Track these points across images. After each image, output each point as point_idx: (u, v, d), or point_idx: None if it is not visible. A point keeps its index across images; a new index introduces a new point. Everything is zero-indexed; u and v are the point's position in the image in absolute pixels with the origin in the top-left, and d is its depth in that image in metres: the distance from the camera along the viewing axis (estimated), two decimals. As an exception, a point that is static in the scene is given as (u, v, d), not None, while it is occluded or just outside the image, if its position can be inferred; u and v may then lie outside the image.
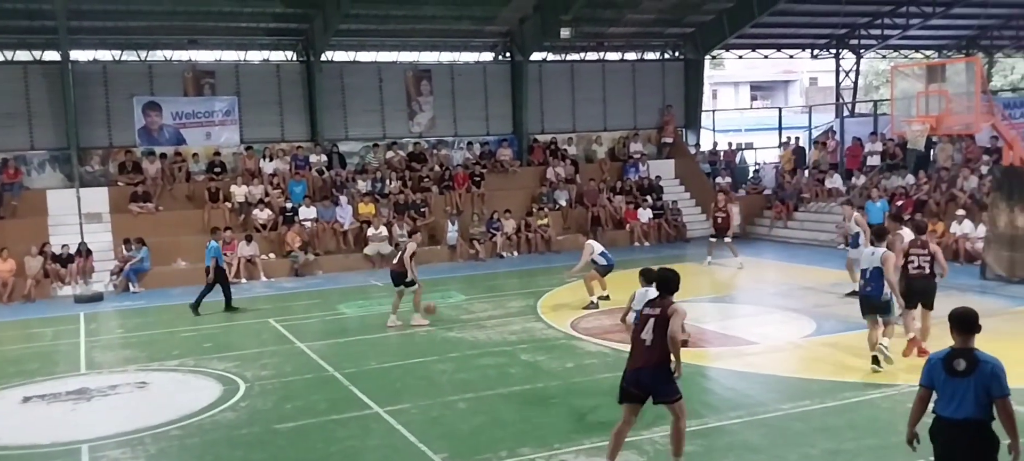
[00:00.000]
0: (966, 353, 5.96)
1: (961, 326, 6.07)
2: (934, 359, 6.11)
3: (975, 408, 5.82)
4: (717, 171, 29.04)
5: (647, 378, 7.79)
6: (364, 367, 12.46)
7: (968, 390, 5.83)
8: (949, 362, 5.97)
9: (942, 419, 5.96)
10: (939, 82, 17.05)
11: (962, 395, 5.85)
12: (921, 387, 6.16)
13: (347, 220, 23.37)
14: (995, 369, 5.85)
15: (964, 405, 5.84)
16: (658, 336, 7.73)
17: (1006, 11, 31.14)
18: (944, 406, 5.95)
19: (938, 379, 6.01)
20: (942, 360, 6.02)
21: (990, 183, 19.74)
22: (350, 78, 26.10)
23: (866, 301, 11.21)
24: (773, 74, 54.31)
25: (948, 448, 5.96)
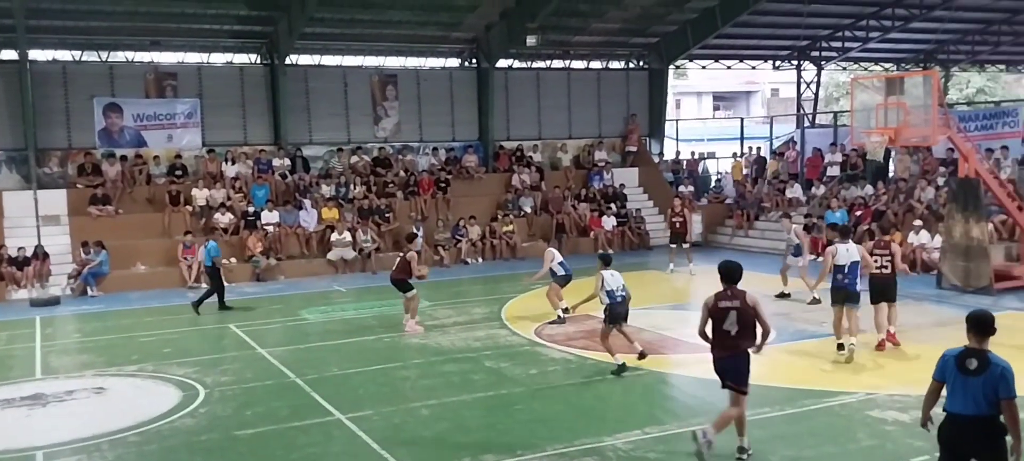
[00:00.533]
0: (979, 354, 6.20)
1: (978, 328, 6.27)
2: (948, 356, 6.35)
3: (983, 406, 6.08)
4: (680, 180, 29.29)
5: (728, 364, 8.48)
6: (326, 373, 12.38)
7: (977, 389, 6.07)
8: (962, 360, 6.22)
9: (951, 415, 6.22)
10: (898, 95, 17.34)
11: (972, 393, 6.09)
12: (934, 381, 6.42)
13: (312, 224, 23.22)
14: (1005, 372, 6.09)
15: (973, 403, 6.10)
16: (742, 325, 8.37)
17: (961, 26, 31.83)
18: (953, 402, 6.21)
19: (950, 375, 6.26)
20: (955, 358, 6.27)
21: (946, 194, 20.14)
22: (315, 82, 25.95)
23: (842, 291, 12.21)
24: (735, 85, 54.98)
25: (955, 441, 6.22)
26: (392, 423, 9.97)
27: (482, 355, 13.13)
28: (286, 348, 14.24)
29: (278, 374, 12.42)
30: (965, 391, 6.12)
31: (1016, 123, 24.82)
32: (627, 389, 11.29)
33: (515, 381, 11.66)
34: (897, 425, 9.36)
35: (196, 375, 12.35)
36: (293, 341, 15.01)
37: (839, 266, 12.27)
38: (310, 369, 12.55)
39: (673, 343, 14.04)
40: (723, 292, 8.56)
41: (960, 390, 6.15)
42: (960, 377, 6.17)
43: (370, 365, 12.82)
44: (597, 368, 12.18)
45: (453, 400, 10.86)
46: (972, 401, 6.09)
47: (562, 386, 11.37)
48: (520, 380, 11.70)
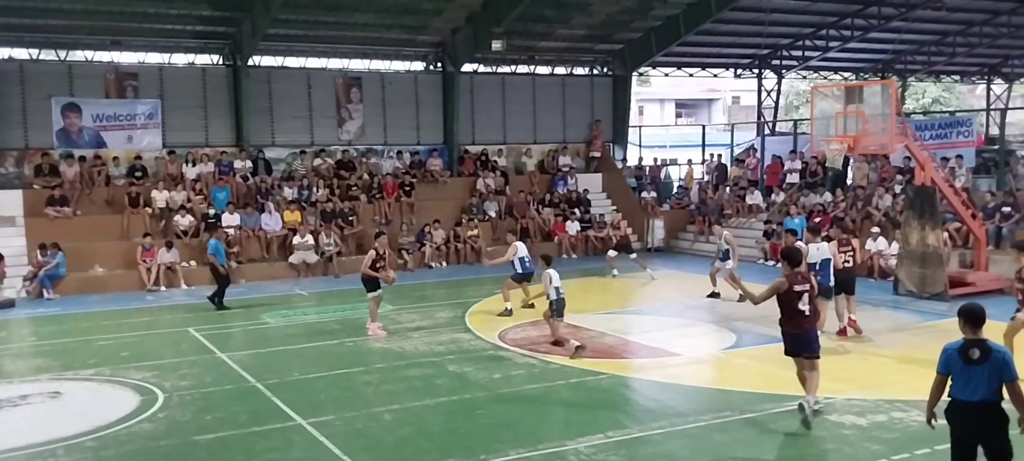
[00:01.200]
0: (979, 343, 6.65)
1: (973, 320, 6.74)
2: (950, 349, 6.73)
3: (988, 391, 6.54)
4: (643, 185, 29.50)
5: (804, 339, 9.76)
6: (287, 378, 12.28)
7: (982, 376, 6.54)
8: (965, 352, 6.63)
9: (959, 402, 6.63)
10: (856, 103, 17.62)
11: (977, 380, 6.55)
12: (938, 374, 6.78)
13: (275, 227, 23.02)
14: (1006, 357, 6.60)
15: (979, 389, 6.54)
16: (812, 306, 9.80)
17: (918, 37, 32.46)
18: (960, 390, 6.61)
19: (955, 367, 6.65)
20: (958, 350, 6.66)
21: (903, 202, 20.50)
22: (278, 83, 25.75)
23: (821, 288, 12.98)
24: (697, 92, 55.52)
25: (965, 426, 6.64)
26: (354, 428, 9.92)
27: (445, 359, 13.11)
28: (246, 352, 14.10)
29: (238, 378, 12.29)
30: (971, 380, 6.57)
31: (970, 133, 25.37)
32: (590, 393, 11.35)
33: (478, 385, 11.66)
34: (855, 428, 9.51)
35: (155, 379, 12.18)
36: (254, 345, 14.86)
37: (811, 264, 13.25)
38: (271, 373, 12.44)
39: (635, 347, 14.15)
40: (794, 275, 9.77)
41: (966, 379, 6.60)
42: (965, 367, 6.61)
43: (332, 369, 12.75)
44: (560, 372, 12.22)
45: (416, 405, 10.83)
46: (977, 388, 6.54)
47: (525, 390, 11.39)
48: (483, 384, 11.71)
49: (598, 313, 16.70)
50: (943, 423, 6.87)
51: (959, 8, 29.08)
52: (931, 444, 8.85)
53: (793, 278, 9.68)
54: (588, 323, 15.57)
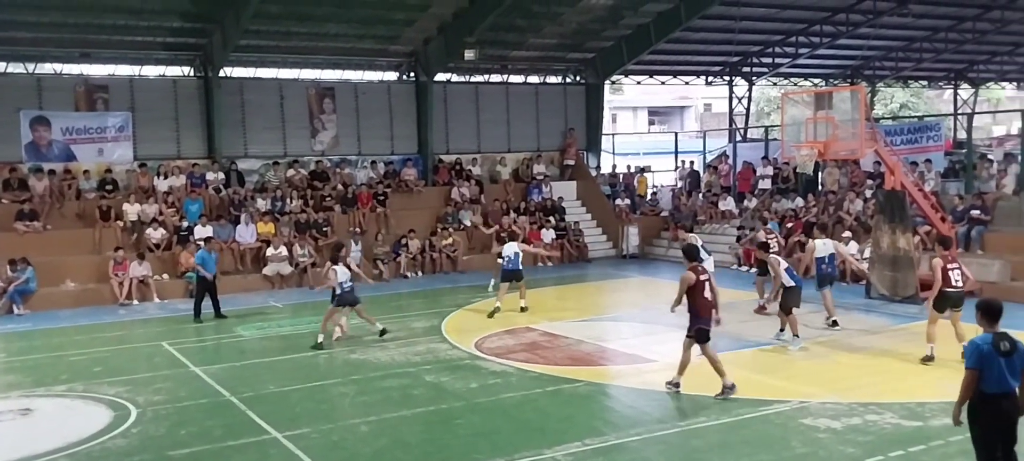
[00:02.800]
0: (1006, 336, 6.92)
1: (993, 314, 6.99)
2: (980, 343, 6.89)
3: (1016, 381, 6.83)
4: (617, 193, 29.62)
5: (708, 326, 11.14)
6: (262, 391, 12.19)
7: (1014, 367, 6.81)
8: (997, 344, 6.82)
9: (990, 395, 6.79)
10: (826, 109, 17.80)
11: (1010, 371, 6.80)
12: (970, 370, 6.89)
13: (249, 239, 22.84)
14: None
15: (1009, 379, 6.81)
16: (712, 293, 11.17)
17: (886, 43, 32.91)
18: (995, 383, 6.79)
19: (989, 361, 6.80)
20: (991, 344, 6.83)
21: (874, 206, 20.73)
22: (250, 94, 25.61)
23: (828, 277, 15.47)
24: (670, 100, 55.83)
25: (995, 418, 6.82)
26: (330, 441, 9.86)
27: (422, 370, 13.07)
28: (221, 366, 13.98)
29: (213, 392, 12.18)
30: (1004, 371, 6.79)
31: (939, 137, 25.73)
32: (567, 401, 11.37)
33: (455, 395, 11.64)
34: (829, 432, 9.59)
35: (128, 394, 12.04)
36: (228, 358, 14.75)
37: (819, 258, 15.45)
38: (245, 387, 12.34)
39: (612, 354, 14.19)
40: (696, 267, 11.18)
41: (999, 371, 6.79)
42: (999, 359, 6.78)
43: (307, 382, 12.67)
44: (537, 381, 12.24)
45: (392, 416, 10.79)
46: (1011, 378, 6.81)
47: (502, 399, 11.39)
48: (460, 394, 11.69)
49: (575, 320, 16.74)
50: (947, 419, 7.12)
51: (925, 14, 29.53)
52: (905, 446, 8.97)
53: (696, 270, 11.03)
54: (565, 331, 15.60)
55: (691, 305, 11.08)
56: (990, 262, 18.84)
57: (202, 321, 17.72)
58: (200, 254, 18.39)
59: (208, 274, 18.00)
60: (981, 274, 18.52)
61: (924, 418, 9.88)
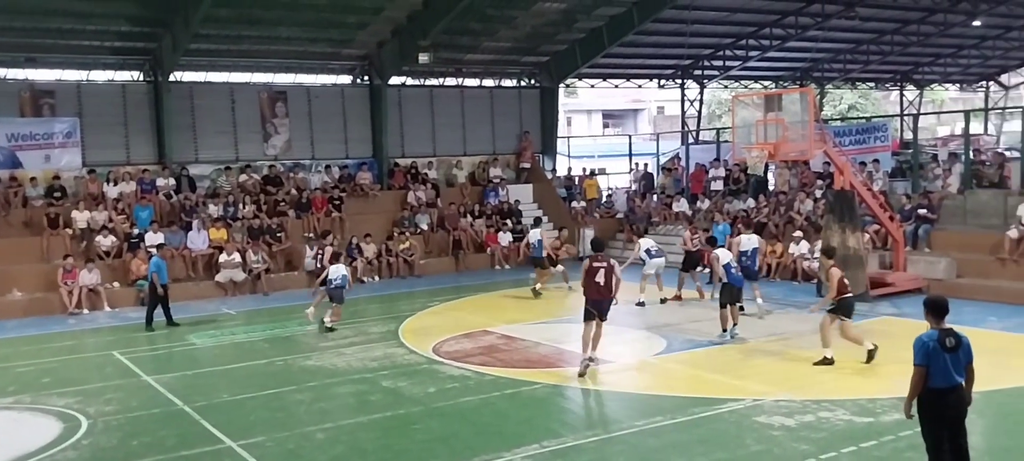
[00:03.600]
0: (951, 332, 7.13)
1: (940, 311, 7.22)
2: (926, 340, 7.09)
3: (960, 375, 7.07)
4: (573, 195, 29.76)
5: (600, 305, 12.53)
6: (216, 399, 12.03)
7: (957, 361, 7.06)
8: (943, 340, 7.03)
9: (937, 390, 7.01)
10: (776, 111, 18.02)
11: (954, 366, 7.04)
12: (918, 367, 7.09)
13: (201, 246, 22.52)
14: (968, 341, 7.18)
15: (953, 374, 7.04)
16: (606, 281, 12.39)
17: (834, 46, 33.56)
18: (938, 379, 7.00)
19: (935, 356, 7.01)
20: (937, 340, 7.04)
21: (823, 206, 21.10)
22: (201, 99, 25.27)
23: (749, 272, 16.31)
24: (623, 103, 56.30)
25: (941, 412, 7.05)
26: (286, 449, 9.77)
27: (379, 375, 13.01)
28: (173, 375, 13.77)
29: (165, 402, 11.99)
30: (949, 366, 7.02)
31: (886, 138, 26.25)
32: (525, 404, 11.40)
33: (413, 400, 11.61)
34: (783, 429, 9.75)
35: (78, 405, 11.81)
36: (181, 367, 14.54)
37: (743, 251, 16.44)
38: (199, 396, 12.17)
39: (570, 356, 14.24)
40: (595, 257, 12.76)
41: (944, 366, 7.02)
42: (944, 355, 7.00)
43: (262, 390, 12.52)
44: (495, 384, 12.26)
45: (349, 422, 10.73)
46: (953, 373, 7.03)
47: (460, 403, 11.38)
48: (418, 399, 11.66)
49: (532, 323, 16.79)
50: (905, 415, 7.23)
51: (872, 18, 30.14)
52: (858, 442, 9.15)
53: (593, 260, 12.69)
54: (523, 333, 15.65)
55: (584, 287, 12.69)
56: (937, 260, 19.29)
57: (154, 329, 17.43)
58: (155, 261, 18.05)
59: (161, 282, 17.71)
60: (928, 271, 19.01)
61: (875, 414, 10.08)
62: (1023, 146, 22.54)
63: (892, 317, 16.24)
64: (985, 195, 20.93)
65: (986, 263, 18.84)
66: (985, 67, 39.99)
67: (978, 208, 20.65)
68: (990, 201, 20.52)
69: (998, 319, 15.51)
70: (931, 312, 7.23)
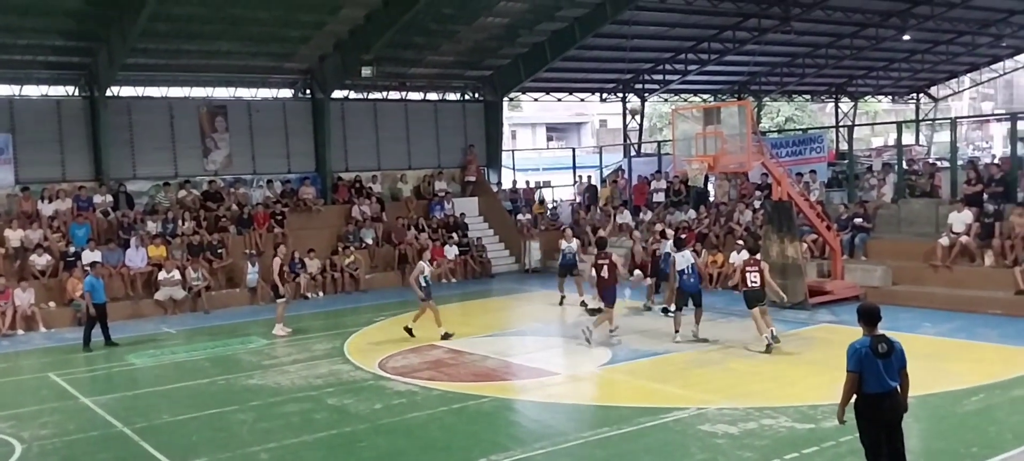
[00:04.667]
0: (883, 338, 7.22)
1: (872, 318, 7.36)
2: (859, 347, 7.24)
3: (894, 380, 7.23)
4: (518, 208, 29.87)
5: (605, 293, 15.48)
6: (156, 421, 11.78)
7: (890, 367, 7.21)
8: (875, 347, 7.19)
9: (871, 395, 7.17)
10: (715, 124, 18.35)
11: (886, 371, 7.19)
12: (850, 373, 7.24)
13: (140, 263, 22.04)
14: (901, 346, 7.35)
15: (888, 379, 7.20)
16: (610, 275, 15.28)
17: (771, 60, 34.29)
18: (872, 384, 7.16)
19: (868, 363, 7.16)
20: (869, 347, 7.19)
21: (762, 216, 21.50)
22: (138, 114, 24.80)
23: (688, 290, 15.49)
24: (567, 116, 56.71)
25: (886, 416, 7.21)
26: (231, 468, 9.62)
27: (324, 393, 12.87)
28: (112, 396, 13.45)
29: (103, 424, 11.70)
30: (882, 372, 7.18)
31: (822, 149, 26.88)
32: (472, 418, 11.39)
33: (359, 417, 11.51)
34: (727, 437, 9.90)
35: (11, 430, 11.45)
36: (119, 388, 14.21)
37: (680, 270, 15.40)
38: (139, 417, 11.91)
39: (516, 368, 14.29)
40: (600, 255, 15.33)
41: (877, 372, 7.15)
42: (877, 361, 7.16)
43: (204, 409, 12.31)
44: (442, 399, 12.22)
45: (293, 442, 10.58)
46: (888, 378, 7.19)
47: (407, 419, 11.32)
48: (364, 416, 11.57)
49: (479, 336, 16.79)
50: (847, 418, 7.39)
51: (807, 32, 30.88)
52: (800, 448, 9.33)
53: (598, 257, 15.36)
54: (470, 347, 15.63)
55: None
56: (873, 268, 19.78)
57: (91, 350, 17.01)
58: (89, 280, 17.67)
59: (96, 302, 17.30)
60: (865, 279, 19.47)
61: (816, 420, 10.29)
62: (952, 156, 23.23)
63: (831, 324, 16.60)
64: (918, 204, 21.54)
65: (920, 270, 19.37)
66: (915, 80, 41.26)
67: (911, 217, 21.26)
68: (923, 210, 21.13)
69: (932, 324, 15.96)
70: (863, 320, 7.39)
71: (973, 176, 20.34)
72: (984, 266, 18.54)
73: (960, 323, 16.05)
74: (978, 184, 20.02)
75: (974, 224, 19.04)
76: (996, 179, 20.07)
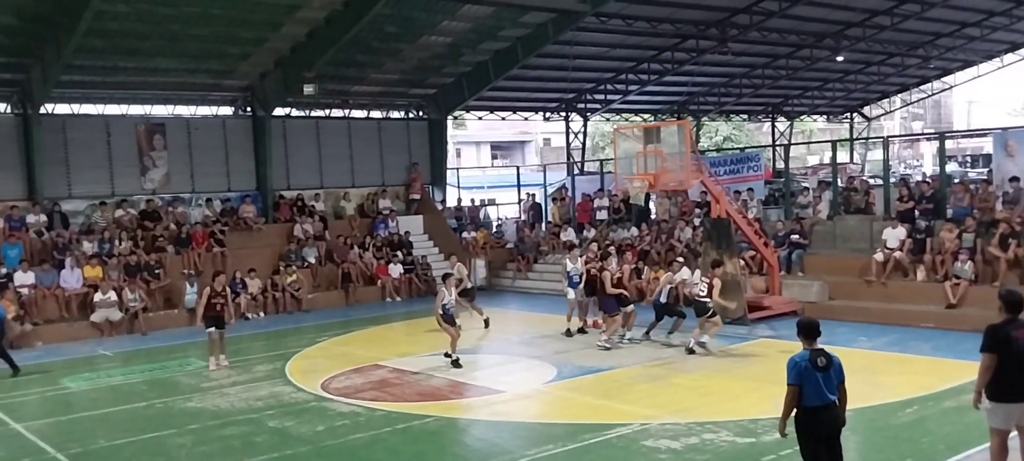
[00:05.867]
0: (822, 352, 7.45)
1: (812, 332, 7.52)
2: (798, 361, 7.38)
3: (833, 393, 7.36)
4: (463, 226, 29.86)
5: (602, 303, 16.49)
6: (92, 446, 11.48)
7: (829, 380, 7.34)
8: (814, 360, 7.32)
9: (810, 408, 7.28)
10: (655, 143, 18.63)
11: (826, 385, 7.32)
12: (790, 386, 7.36)
13: (75, 284, 21.48)
14: (840, 361, 7.50)
15: (827, 392, 7.33)
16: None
17: (709, 80, 34.92)
18: (812, 398, 7.28)
19: (807, 376, 7.29)
20: (808, 360, 7.33)
21: (702, 233, 21.84)
22: (74, 132, 24.21)
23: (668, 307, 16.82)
24: (511, 135, 57.03)
25: (825, 429, 7.33)
26: (170, 493, 9.42)
27: (265, 415, 12.68)
28: (45, 421, 13.08)
29: (36, 451, 11.36)
30: (821, 385, 7.31)
31: (759, 167, 27.44)
32: (416, 439, 11.33)
33: (301, 440, 11.36)
34: (670, 452, 10.01)
35: (-63, 459, 11.09)
36: (53, 413, 13.81)
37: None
38: (73, 442, 11.60)
39: (462, 387, 14.26)
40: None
41: (816, 385, 7.31)
42: (816, 374, 7.29)
43: (141, 434, 12.01)
44: (387, 419, 12.14)
45: (235, 465, 10.42)
46: (827, 391, 7.32)
47: (350, 441, 11.21)
48: (306, 438, 11.42)
49: (424, 355, 16.70)
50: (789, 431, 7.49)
51: (743, 53, 31.50)
52: (739, 461, 9.48)
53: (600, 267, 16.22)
54: (415, 366, 15.56)
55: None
56: (810, 283, 20.22)
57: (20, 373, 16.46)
58: None
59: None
60: (802, 295, 19.89)
61: (757, 434, 10.46)
62: (885, 174, 23.88)
63: (770, 339, 16.91)
64: (853, 221, 22.09)
65: (855, 285, 19.86)
66: (849, 100, 42.38)
67: (847, 233, 21.80)
68: (858, 226, 21.69)
69: (867, 338, 16.35)
70: (803, 334, 7.55)
71: (905, 193, 20.96)
72: (916, 281, 19.09)
73: (894, 337, 16.49)
74: (910, 201, 20.63)
75: (907, 240, 19.60)
76: (927, 196, 20.71)
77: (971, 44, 34.72)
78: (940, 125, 67.48)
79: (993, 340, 7.72)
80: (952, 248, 18.55)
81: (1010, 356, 7.65)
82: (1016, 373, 7.67)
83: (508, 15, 24.35)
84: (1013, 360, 7.65)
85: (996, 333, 7.74)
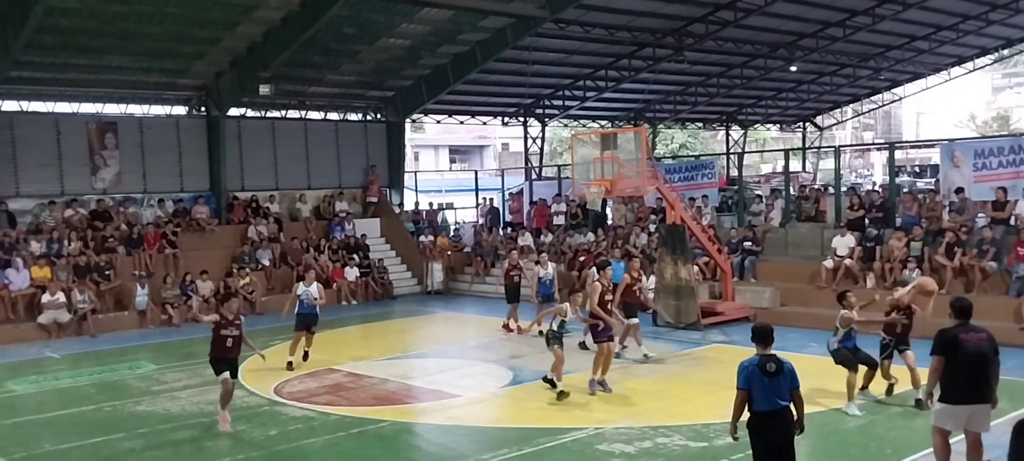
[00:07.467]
0: (773, 358, 7.45)
1: (765, 338, 7.64)
2: (748, 366, 7.46)
3: (783, 399, 7.43)
4: (421, 230, 29.77)
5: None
6: (37, 451, 11.25)
7: (779, 386, 7.41)
8: (763, 366, 7.40)
9: (760, 413, 7.35)
10: (612, 149, 18.79)
11: (775, 391, 7.39)
12: (741, 390, 7.45)
13: (22, 285, 21.00)
14: (792, 367, 7.54)
15: (777, 398, 7.40)
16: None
17: (665, 88, 35.25)
18: (762, 402, 7.35)
19: (756, 381, 7.37)
20: (757, 366, 7.40)
21: (657, 239, 22.04)
22: (22, 129, 23.67)
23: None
24: (470, 139, 57.03)
25: (775, 434, 7.40)
26: (118, 499, 9.27)
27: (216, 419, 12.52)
28: (-11, 425, 12.79)
29: (-21, 455, 11.13)
30: (770, 391, 7.38)
31: (713, 174, 27.74)
32: (370, 443, 11.28)
33: (253, 445, 11.24)
34: (624, 456, 10.09)
35: None
36: (-3, 417, 13.52)
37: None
38: (18, 448, 11.34)
39: (417, 391, 14.24)
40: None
41: (766, 391, 7.36)
42: (764, 380, 7.37)
43: (89, 438, 11.80)
44: (341, 424, 12.06)
45: (186, 469, 10.28)
46: (777, 397, 7.40)
47: (304, 446, 11.13)
48: (258, 443, 11.30)
49: (379, 359, 16.64)
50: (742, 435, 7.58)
51: (699, 62, 31.90)
52: (691, 465, 9.59)
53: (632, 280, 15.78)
54: (369, 370, 15.48)
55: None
56: (762, 289, 20.50)
57: None
58: None
59: None
60: (755, 300, 20.17)
61: (709, 438, 10.59)
62: (836, 183, 24.32)
63: (722, 344, 17.11)
64: (804, 228, 22.45)
65: (806, 292, 20.18)
66: (802, 109, 43.09)
67: (798, 240, 22.15)
68: (809, 234, 22.05)
69: (818, 345, 16.54)
70: (756, 339, 7.68)
71: (856, 202, 21.37)
72: (866, 288, 19.43)
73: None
74: (860, 209, 21.04)
75: (857, 248, 19.98)
76: (876, 205, 21.14)
77: (920, 57, 35.53)
78: (890, 135, 68.88)
79: (942, 344, 8.02)
80: (901, 256, 18.95)
81: (958, 360, 7.93)
82: (964, 377, 7.94)
83: (467, 19, 24.35)
84: (961, 364, 7.93)
85: (945, 337, 8.06)
